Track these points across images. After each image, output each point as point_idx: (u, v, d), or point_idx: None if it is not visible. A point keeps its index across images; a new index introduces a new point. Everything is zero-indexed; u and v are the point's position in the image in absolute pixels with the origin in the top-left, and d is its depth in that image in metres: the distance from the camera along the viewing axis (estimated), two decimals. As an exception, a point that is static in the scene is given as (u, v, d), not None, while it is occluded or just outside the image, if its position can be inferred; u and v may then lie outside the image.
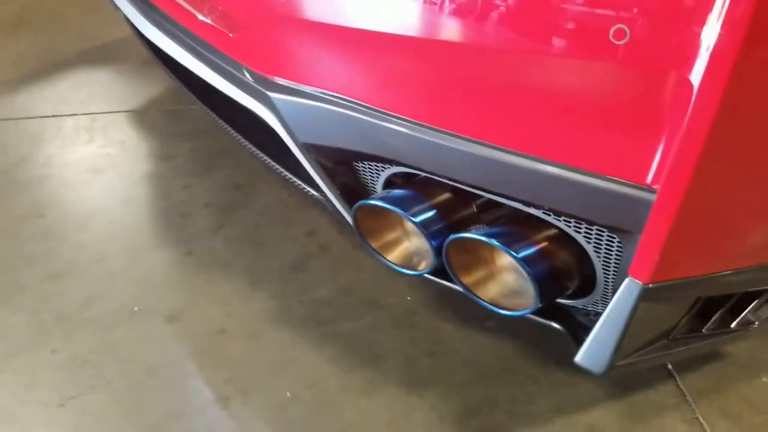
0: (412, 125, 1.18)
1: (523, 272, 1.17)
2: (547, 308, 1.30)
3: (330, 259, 1.86)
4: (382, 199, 1.29)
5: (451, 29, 1.16)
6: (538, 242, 1.19)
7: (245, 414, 1.49)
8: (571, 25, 1.00)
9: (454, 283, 1.31)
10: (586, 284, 1.25)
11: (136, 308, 1.71)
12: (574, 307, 1.32)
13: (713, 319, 1.24)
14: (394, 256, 1.38)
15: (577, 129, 1.05)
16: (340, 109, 1.25)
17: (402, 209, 1.26)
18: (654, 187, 1.01)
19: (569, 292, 1.25)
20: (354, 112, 1.24)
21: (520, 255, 1.17)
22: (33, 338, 1.63)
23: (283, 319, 1.70)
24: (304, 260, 1.86)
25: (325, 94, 1.27)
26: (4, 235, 1.91)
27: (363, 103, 1.24)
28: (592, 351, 1.15)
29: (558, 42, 1.04)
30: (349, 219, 1.40)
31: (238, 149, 2.15)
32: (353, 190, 1.41)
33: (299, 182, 1.60)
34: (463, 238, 1.22)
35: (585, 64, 1.02)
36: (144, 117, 2.39)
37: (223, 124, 1.78)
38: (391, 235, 1.38)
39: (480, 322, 1.69)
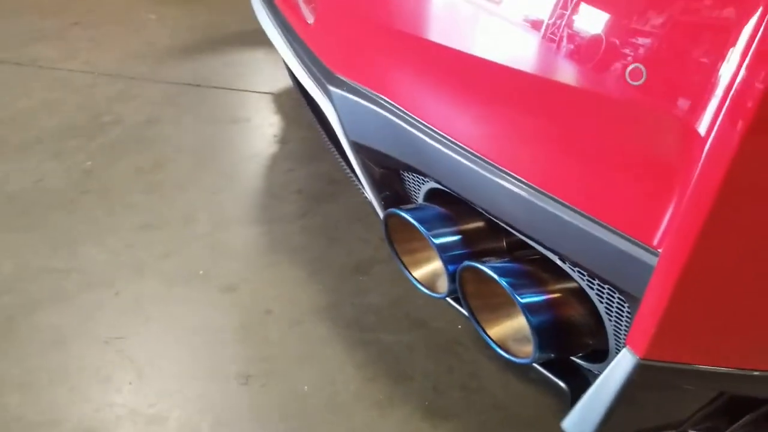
0: (441, 140, 1.14)
1: (523, 316, 1.08)
2: (563, 365, 1.19)
3: (394, 268, 1.84)
4: (409, 211, 1.25)
5: (510, 64, 1.10)
6: (549, 290, 1.10)
7: (260, 395, 1.52)
8: (592, 64, 0.91)
9: (468, 315, 1.24)
10: (600, 348, 1.13)
11: (201, 272, 1.80)
12: (590, 371, 1.20)
13: (741, 422, 1.07)
14: (419, 273, 1.34)
15: (587, 170, 0.96)
16: (386, 114, 1.24)
17: (424, 226, 1.22)
18: (658, 250, 0.89)
19: (579, 351, 1.14)
20: (398, 119, 1.22)
21: (524, 299, 1.08)
22: (106, 277, 1.77)
23: (328, 315, 1.71)
24: (368, 264, 1.85)
25: (377, 96, 1.26)
26: (119, 183, 2.10)
27: (407, 112, 1.21)
28: (580, 419, 1.04)
29: (587, 83, 0.95)
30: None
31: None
32: (396, 198, 1.38)
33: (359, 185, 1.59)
34: (474, 267, 1.15)
35: (605, 103, 0.92)
36: (276, 100, 2.51)
37: (310, 114, 1.82)
38: (421, 252, 1.34)
39: (525, 369, 1.59)
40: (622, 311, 1.04)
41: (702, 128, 0.80)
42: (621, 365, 0.97)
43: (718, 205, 0.81)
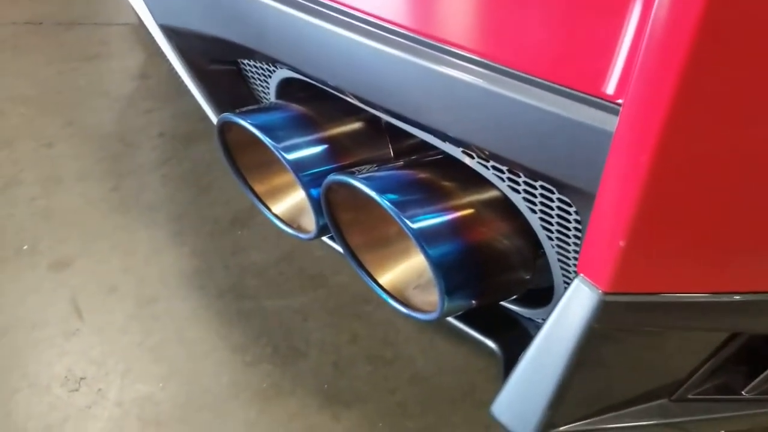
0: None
1: (419, 249, 0.68)
2: (492, 316, 0.80)
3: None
4: (249, 115, 0.84)
5: None
6: (454, 205, 0.70)
7: (98, 405, 1.10)
8: None
9: (348, 257, 0.84)
10: (541, 285, 0.74)
11: (25, 247, 1.36)
12: (531, 320, 0.81)
13: (763, 376, 0.69)
14: (278, 207, 0.93)
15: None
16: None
17: (270, 135, 0.80)
18: (617, 101, 0.50)
19: (509, 294, 0.75)
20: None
21: (416, 222, 0.68)
22: None
23: (194, 284, 1.29)
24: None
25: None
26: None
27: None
28: (516, 400, 0.65)
29: None
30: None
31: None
32: (237, 101, 0.96)
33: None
34: (342, 182, 0.74)
35: None
36: (135, 31, 2.05)
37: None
38: (277, 176, 0.93)
39: (448, 325, 1.20)
40: (568, 221, 0.65)
41: None
42: (574, 307, 0.58)
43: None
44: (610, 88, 0.53)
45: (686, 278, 0.58)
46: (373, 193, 0.71)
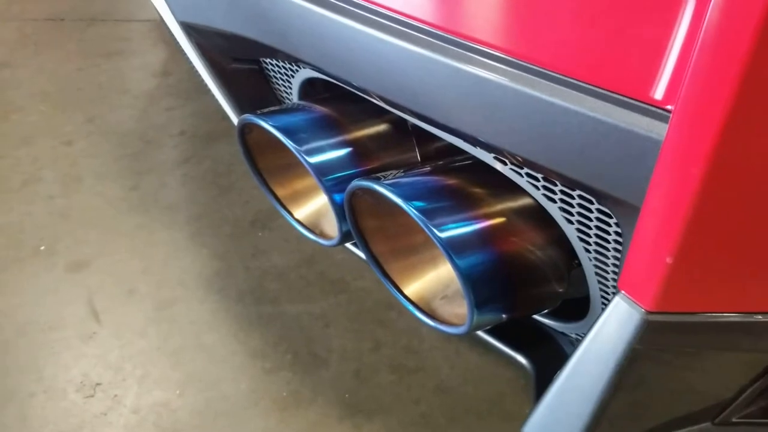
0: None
1: (447, 259, 0.64)
2: (524, 329, 0.76)
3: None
4: (271, 116, 0.80)
5: None
6: (485, 213, 0.66)
7: (113, 411, 1.07)
8: None
9: (372, 265, 0.80)
10: (576, 296, 0.70)
11: (42, 247, 1.34)
12: (564, 334, 0.77)
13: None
14: (301, 212, 0.89)
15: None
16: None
17: (292, 137, 0.77)
18: (667, 107, 0.46)
19: (542, 307, 0.71)
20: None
21: (444, 231, 0.64)
22: None
23: (213, 287, 1.26)
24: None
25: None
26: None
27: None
28: (549, 422, 0.61)
29: None
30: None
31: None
32: (259, 102, 0.93)
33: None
34: (367, 188, 0.70)
35: None
36: (157, 28, 2.03)
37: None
38: (299, 180, 0.89)
39: (476, 335, 1.16)
40: (608, 233, 0.60)
41: None
42: (613, 326, 0.54)
43: None
44: (659, 93, 0.49)
45: (734, 298, 0.54)
46: (399, 200, 0.67)
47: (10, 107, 1.72)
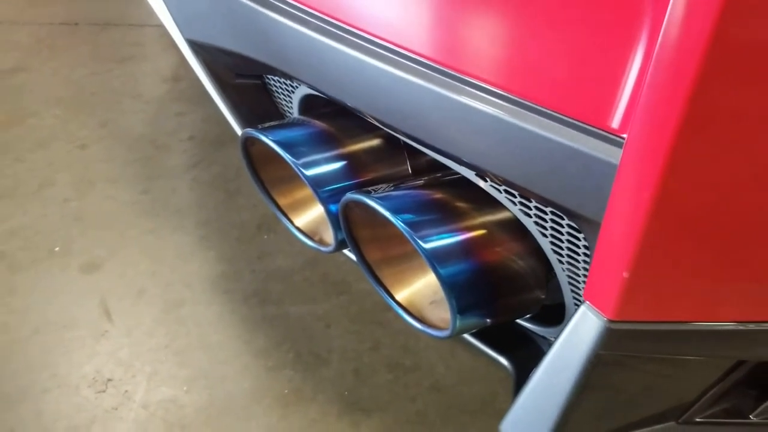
0: (307, 20, 0.73)
1: (431, 268, 0.69)
2: (506, 332, 0.81)
3: (306, 220, 1.45)
4: (270, 131, 0.85)
5: None
6: (466, 226, 0.70)
7: (124, 406, 1.13)
8: None
9: (366, 272, 0.85)
10: (555, 302, 0.75)
11: (57, 248, 1.40)
12: (544, 337, 0.82)
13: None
14: (301, 219, 0.94)
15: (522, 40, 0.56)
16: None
17: (290, 151, 0.81)
18: (622, 135, 0.50)
19: (520, 313, 0.76)
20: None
21: (428, 242, 0.69)
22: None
23: (220, 289, 1.31)
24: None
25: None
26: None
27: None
28: (524, 419, 0.66)
29: None
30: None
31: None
32: (262, 115, 0.98)
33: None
34: (359, 202, 0.75)
35: None
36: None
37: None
38: (298, 190, 0.94)
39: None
40: (578, 247, 0.65)
41: None
42: (580, 333, 0.59)
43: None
44: (616, 122, 0.53)
45: (689, 307, 0.58)
46: (387, 213, 0.72)
47: (26, 111, 1.78)
